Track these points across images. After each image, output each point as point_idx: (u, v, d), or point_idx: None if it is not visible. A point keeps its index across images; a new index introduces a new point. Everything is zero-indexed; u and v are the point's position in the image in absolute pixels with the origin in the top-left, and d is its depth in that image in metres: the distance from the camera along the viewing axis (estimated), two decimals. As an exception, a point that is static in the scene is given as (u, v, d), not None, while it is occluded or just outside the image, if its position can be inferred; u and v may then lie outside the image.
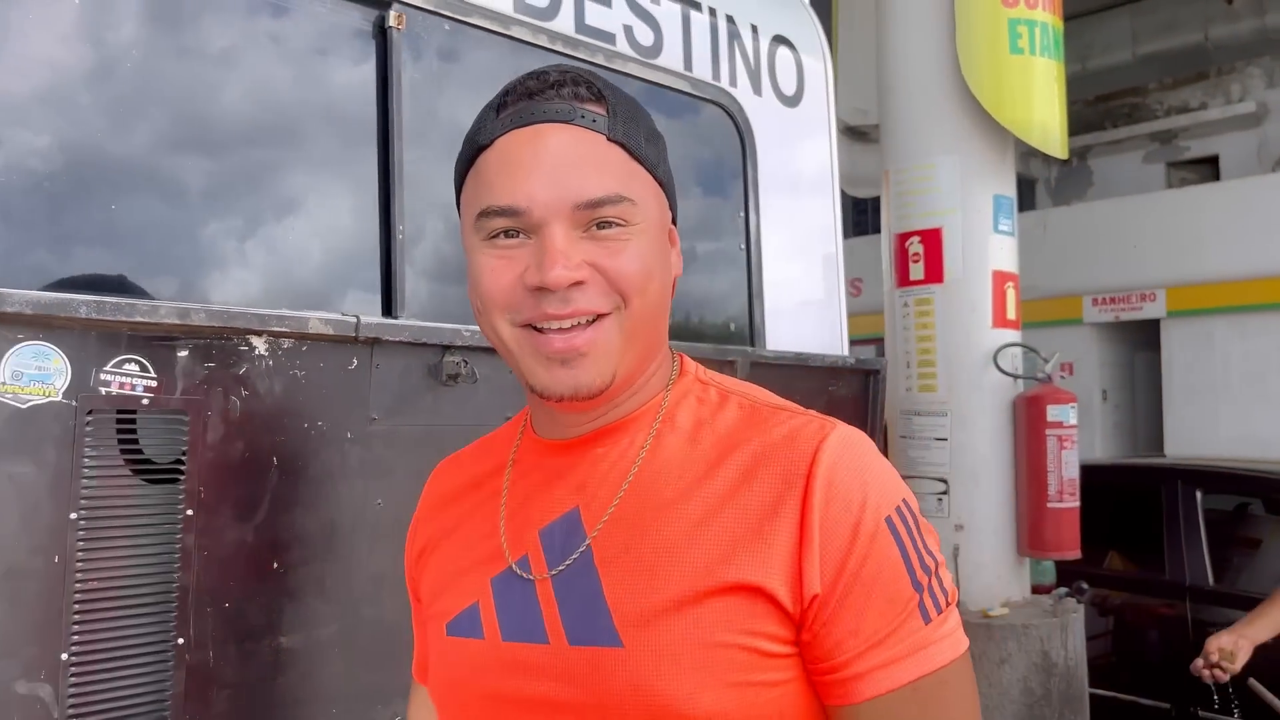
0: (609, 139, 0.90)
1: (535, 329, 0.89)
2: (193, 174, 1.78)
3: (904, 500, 0.89)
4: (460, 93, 2.14)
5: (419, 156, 2.03)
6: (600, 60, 2.37)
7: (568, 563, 0.92)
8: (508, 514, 1.00)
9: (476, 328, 1.97)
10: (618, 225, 0.88)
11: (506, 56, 2.21)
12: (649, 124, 0.96)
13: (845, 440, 0.89)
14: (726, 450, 0.91)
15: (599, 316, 0.88)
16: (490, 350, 2.04)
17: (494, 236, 0.90)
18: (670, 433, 0.95)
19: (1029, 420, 4.00)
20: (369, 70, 2.01)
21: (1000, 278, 4.15)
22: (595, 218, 0.88)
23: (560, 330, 0.87)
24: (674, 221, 1.00)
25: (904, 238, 4.28)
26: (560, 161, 0.88)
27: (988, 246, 4.12)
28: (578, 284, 0.86)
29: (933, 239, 4.14)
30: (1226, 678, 2.73)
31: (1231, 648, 2.71)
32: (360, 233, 1.97)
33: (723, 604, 0.85)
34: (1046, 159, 10.40)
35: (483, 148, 0.92)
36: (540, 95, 0.92)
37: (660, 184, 0.96)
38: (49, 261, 1.60)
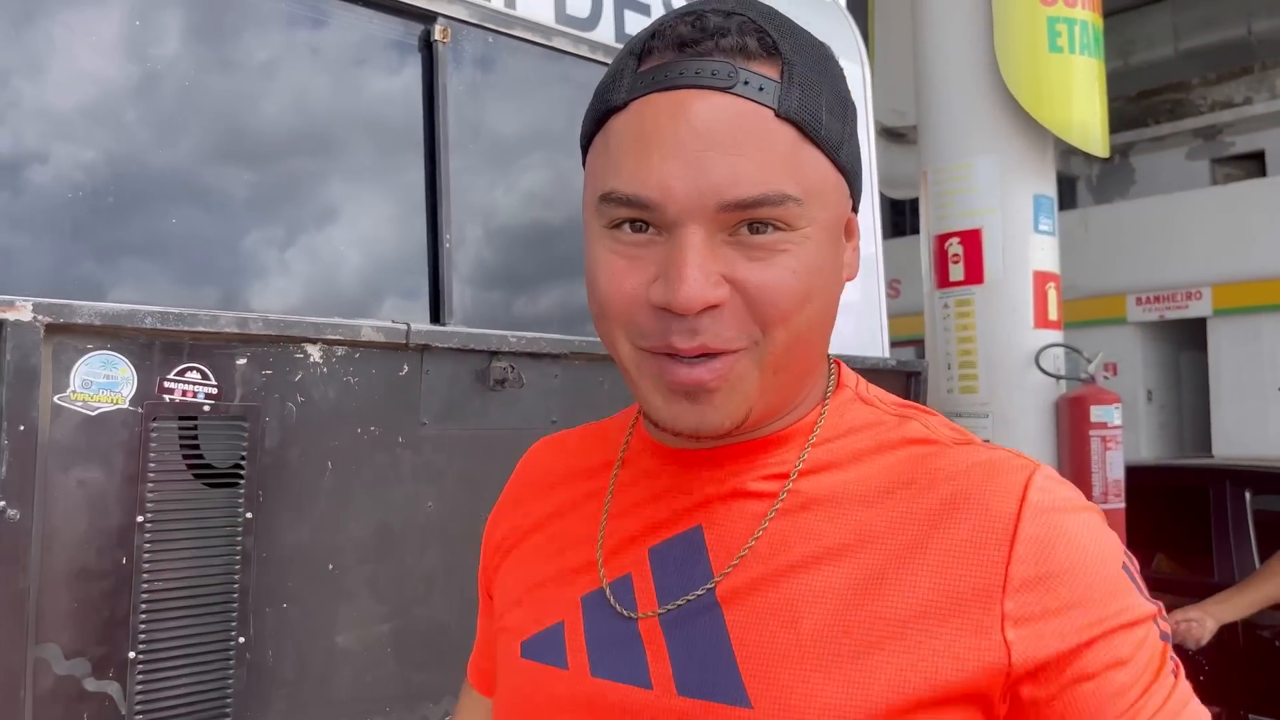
0: (778, 115, 0.67)
1: (656, 354, 0.71)
2: (248, 188, 1.83)
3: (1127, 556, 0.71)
4: (504, 102, 2.18)
5: (464, 166, 2.07)
6: (640, 68, 2.40)
7: (686, 599, 0.73)
8: (610, 522, 0.81)
9: (524, 333, 2.03)
10: (776, 229, 0.67)
11: (548, 66, 2.25)
12: (835, 87, 0.72)
13: (1057, 484, 0.71)
14: (901, 486, 0.72)
15: (730, 351, 0.69)
16: (535, 355, 2.09)
17: (618, 226, 0.70)
18: (825, 458, 0.76)
19: (1072, 421, 3.97)
20: (415, 82, 2.06)
21: (1041, 278, 4.12)
22: (746, 219, 0.67)
23: (686, 361, 0.69)
24: (855, 208, 0.77)
25: (943, 238, 4.26)
26: (709, 144, 0.66)
27: (1028, 246, 4.10)
28: (711, 308, 0.67)
29: (972, 239, 4.12)
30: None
31: (1196, 624, 2.78)
32: (408, 241, 2.02)
33: (893, 663, 0.67)
34: (1088, 157, 10.29)
35: (615, 109, 0.71)
36: (693, 47, 0.68)
37: (842, 170, 0.72)
38: (113, 274, 1.66)
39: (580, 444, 0.92)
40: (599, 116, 0.73)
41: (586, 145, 0.76)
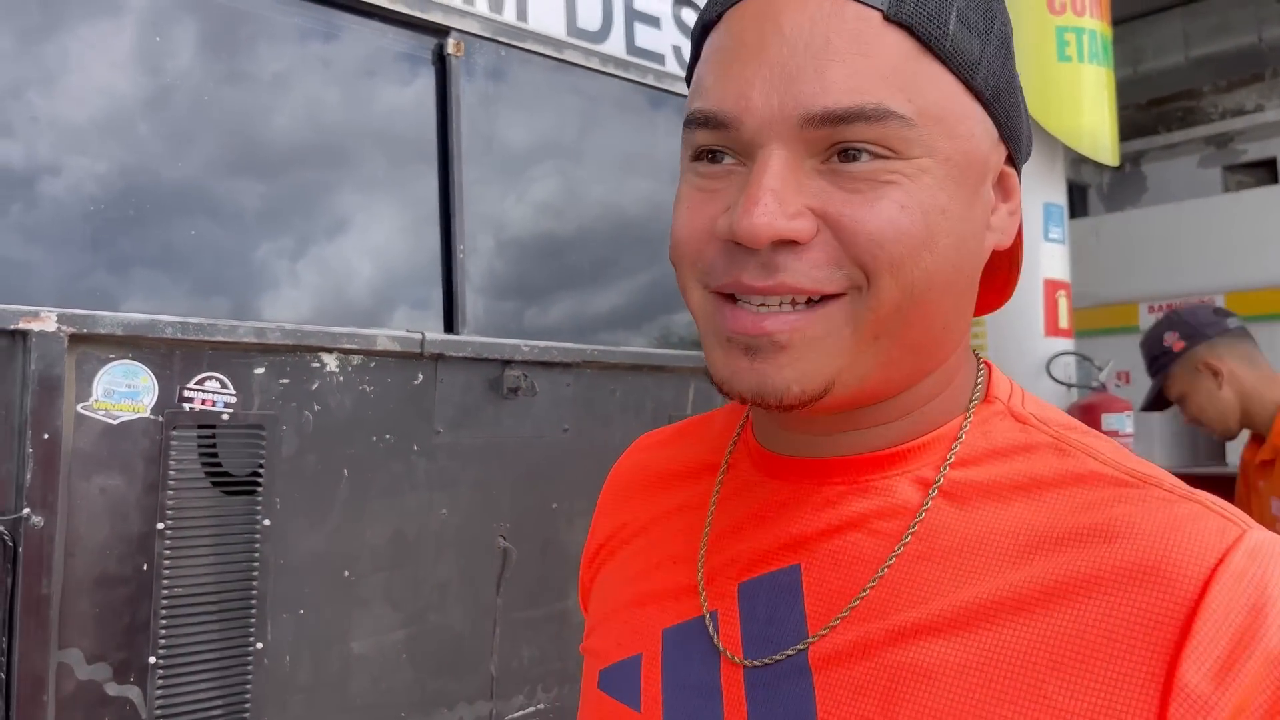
0: (888, 17, 0.55)
1: (729, 298, 0.58)
2: (265, 200, 1.86)
3: None
4: (516, 114, 2.21)
5: (477, 177, 2.10)
6: (651, 80, 2.42)
7: (775, 659, 0.60)
8: (710, 542, 0.68)
9: (536, 342, 2.05)
10: (877, 157, 0.54)
11: (560, 79, 2.28)
12: (970, 2, 0.58)
13: (1274, 547, 0.52)
14: (1057, 541, 0.55)
15: (825, 298, 0.56)
16: (547, 364, 2.12)
17: (699, 157, 0.59)
18: (969, 486, 0.60)
19: (1084, 429, 3.97)
20: (429, 95, 2.09)
21: (1051, 286, 4.13)
22: (840, 141, 0.54)
23: (757, 307, 0.56)
24: (1014, 160, 0.62)
25: (953, 247, 4.27)
26: (796, 48, 0.54)
27: (1038, 255, 4.10)
28: (789, 243, 0.54)
29: (983, 248, 4.13)
30: None
31: None
32: (422, 252, 2.04)
33: None
34: (1099, 165, 10.27)
35: (709, 26, 0.61)
36: None
37: (981, 98, 0.58)
38: (132, 285, 1.69)
39: (682, 441, 0.79)
40: (697, 40, 0.63)
41: (689, 80, 0.65)
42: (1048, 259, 4.09)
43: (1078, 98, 4.04)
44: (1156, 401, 2.69)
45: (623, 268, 2.40)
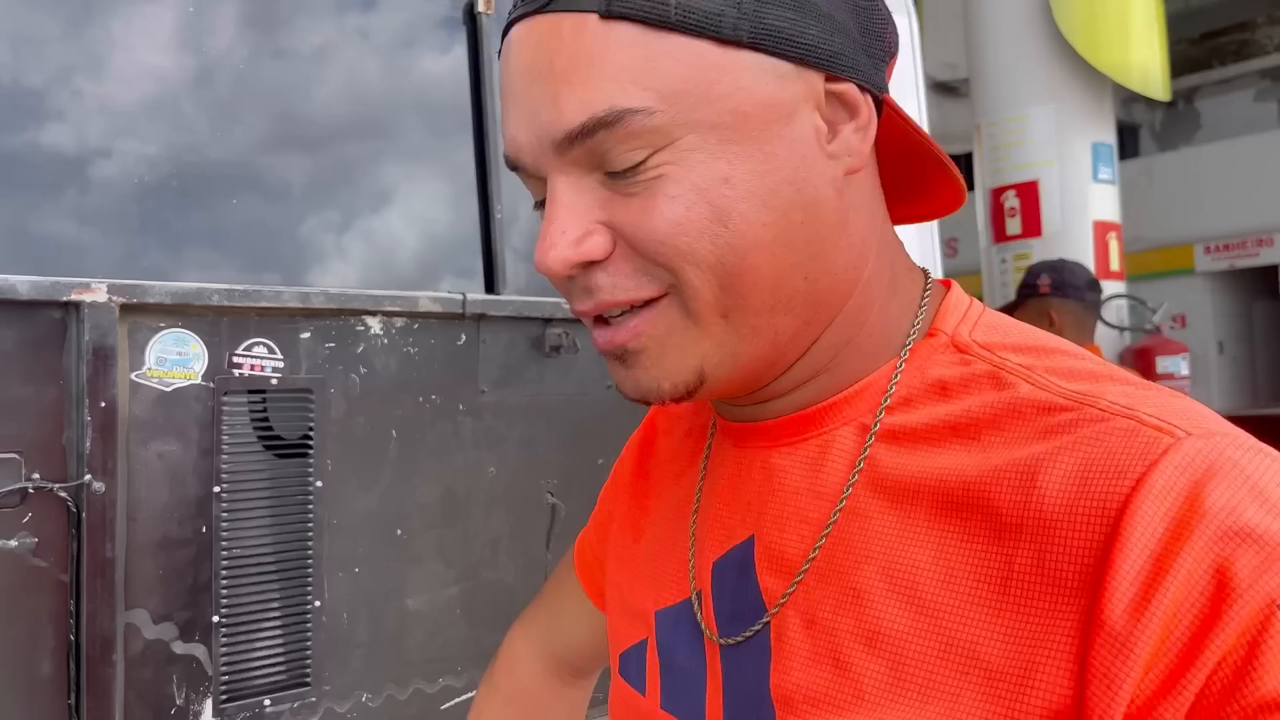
0: (603, 15, 0.52)
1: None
2: (303, 171, 1.88)
3: None
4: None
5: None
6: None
7: (743, 636, 0.60)
8: (699, 518, 0.68)
9: (575, 300, 2.05)
10: (637, 163, 0.53)
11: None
12: None
13: (1211, 455, 0.46)
14: (988, 483, 0.52)
15: (651, 301, 0.56)
16: (589, 322, 2.11)
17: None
18: (905, 432, 0.57)
19: (1138, 374, 3.89)
20: (461, 56, 2.08)
21: (1102, 228, 4.04)
22: (596, 153, 0.54)
23: (608, 321, 0.58)
24: (838, 71, 0.56)
25: (999, 192, 4.20)
26: (531, 79, 0.55)
27: (1087, 197, 4.02)
28: (593, 264, 0.55)
29: (1029, 192, 4.06)
30: None
31: None
32: (461, 215, 2.05)
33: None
34: (1150, 103, 9.98)
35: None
36: None
37: (742, 45, 0.53)
38: (179, 258, 1.72)
39: (694, 405, 0.77)
40: None
41: None
42: (1097, 200, 4.00)
43: (1126, 32, 3.93)
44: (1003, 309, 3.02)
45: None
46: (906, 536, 0.54)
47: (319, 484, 1.71)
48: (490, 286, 2.01)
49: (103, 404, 1.49)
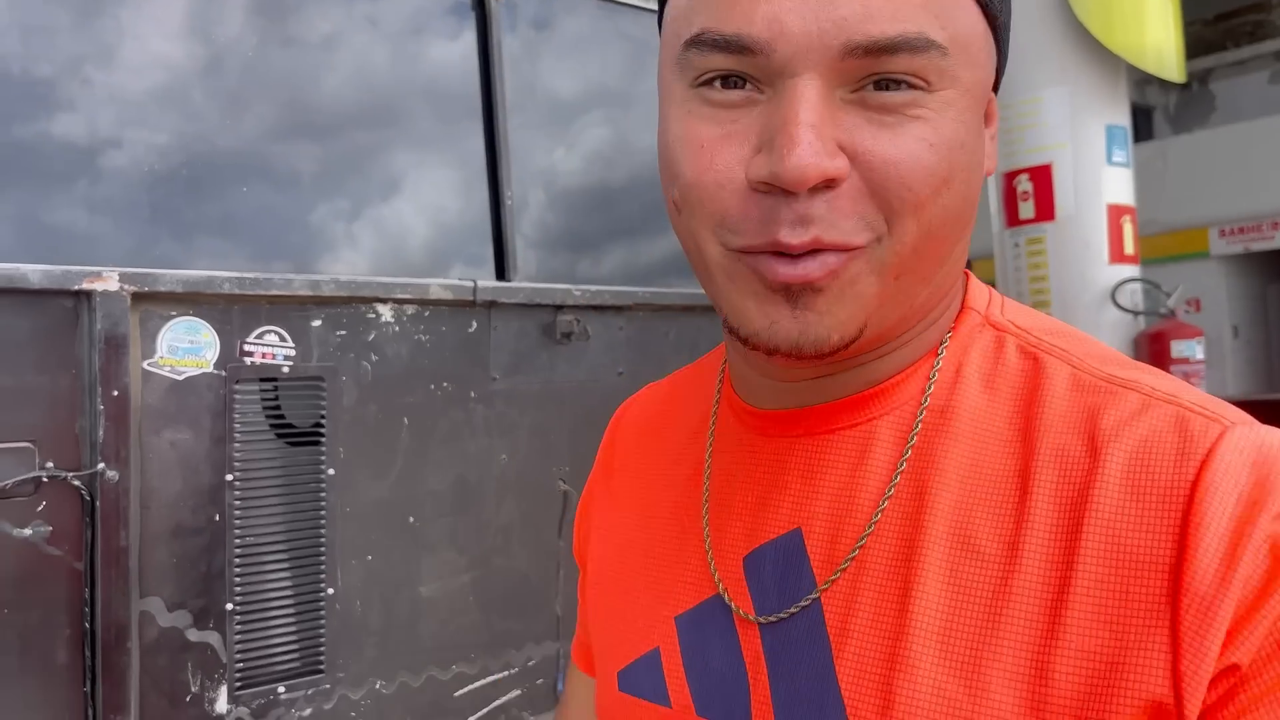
0: None
1: (752, 254, 0.54)
2: (314, 159, 1.87)
3: None
4: (559, 58, 2.18)
5: (521, 124, 2.09)
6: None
7: (789, 612, 0.58)
8: (712, 516, 0.65)
9: (588, 286, 2.05)
10: (912, 87, 0.51)
11: (603, 20, 2.25)
12: None
13: (1258, 442, 0.50)
14: (1048, 459, 0.54)
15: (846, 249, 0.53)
16: (599, 308, 2.11)
17: (707, 82, 0.54)
18: (952, 412, 0.58)
19: (1152, 358, 3.87)
20: (470, 43, 2.07)
21: (1116, 211, 4.01)
22: (876, 71, 0.51)
23: (791, 257, 0.53)
24: (996, 86, 0.60)
25: (1011, 176, 4.16)
26: None
27: (1101, 180, 3.98)
28: (828, 186, 0.51)
29: (1042, 175, 4.02)
30: None
31: None
32: (472, 202, 2.04)
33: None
34: (1164, 85, 9.88)
35: None
36: None
37: (992, 22, 0.56)
38: (191, 247, 1.72)
39: (669, 402, 0.76)
40: None
41: None
42: (1111, 183, 3.96)
43: (1140, 12, 3.88)
44: None
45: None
46: (960, 517, 0.54)
47: (331, 472, 1.71)
48: (501, 273, 2.01)
49: (115, 393, 1.49)
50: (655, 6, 2.30)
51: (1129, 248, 3.99)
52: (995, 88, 0.60)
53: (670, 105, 0.56)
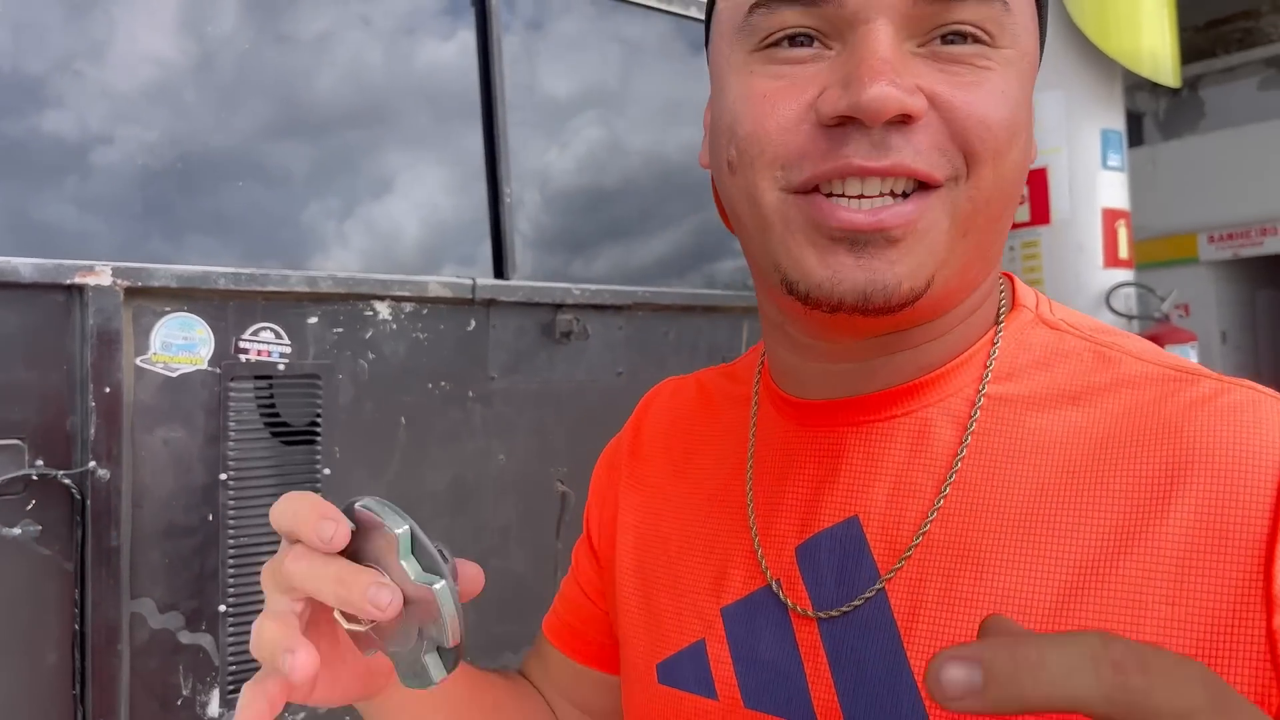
0: None
1: (812, 195, 0.53)
2: (312, 158, 1.85)
3: None
4: (558, 58, 2.16)
5: (521, 120, 2.06)
6: (694, 12, 2.36)
7: (852, 605, 0.57)
8: (758, 508, 0.64)
9: (588, 285, 2.02)
10: (978, 41, 0.52)
11: (601, 18, 2.22)
12: None
13: None
14: (1119, 443, 0.53)
15: (923, 188, 0.52)
16: (599, 307, 2.09)
17: (773, 44, 0.53)
18: (1012, 400, 0.57)
19: (1146, 361, 3.87)
20: (469, 41, 2.05)
21: (1110, 215, 4.01)
22: (946, 23, 0.51)
23: (858, 200, 0.52)
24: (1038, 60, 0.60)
25: (1007, 179, 4.16)
26: None
27: (1096, 184, 3.98)
28: (906, 119, 0.50)
29: (1038, 179, 4.02)
30: None
31: None
32: (470, 200, 2.02)
33: None
34: (1154, 91, 9.92)
35: None
36: None
37: (1039, 6, 0.57)
38: (186, 244, 1.69)
39: (701, 397, 0.75)
40: None
41: None
42: (1106, 187, 3.96)
43: (1136, 16, 3.89)
44: None
45: (669, 211, 2.36)
46: (1032, 499, 0.53)
47: (326, 471, 1.68)
48: (500, 271, 1.98)
49: (107, 389, 1.46)
50: (651, 2, 2.28)
51: (1123, 252, 3.99)
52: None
53: (729, 74, 0.55)
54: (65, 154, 1.57)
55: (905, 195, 0.52)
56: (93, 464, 1.45)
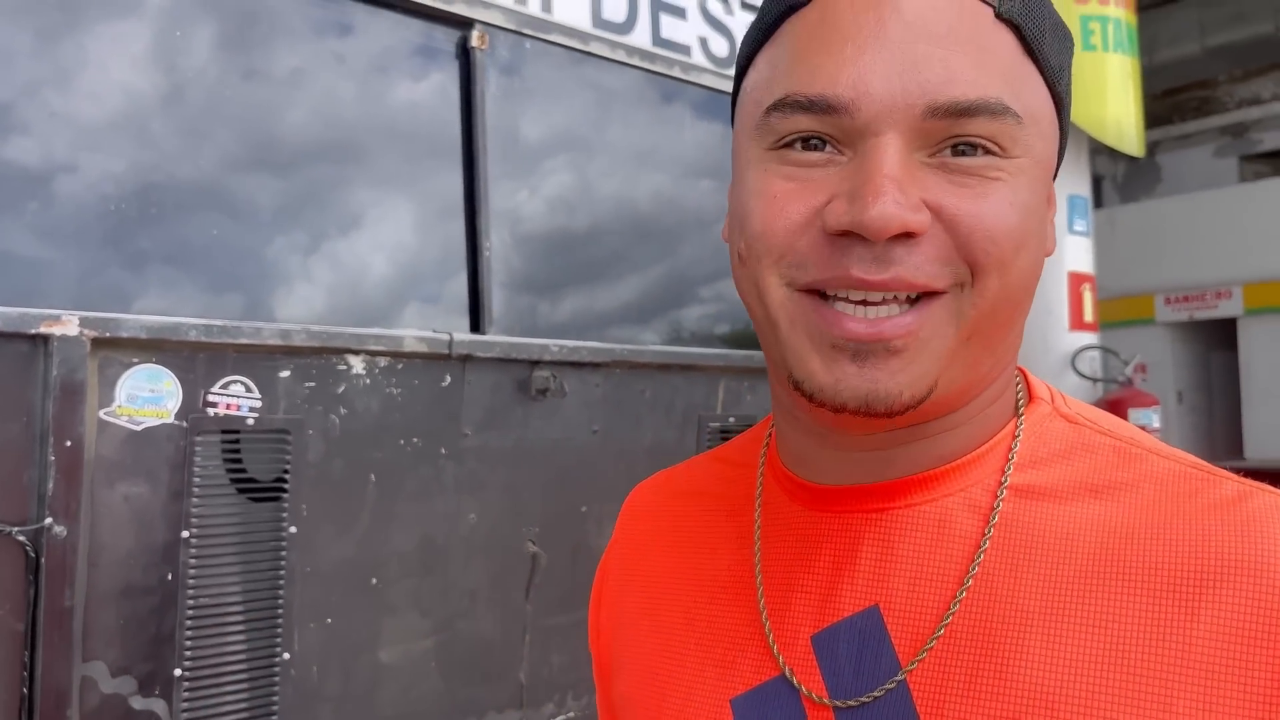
0: (998, 14, 0.54)
1: (821, 296, 0.54)
2: (286, 197, 1.81)
3: None
4: (542, 108, 2.16)
5: (503, 172, 2.05)
6: (677, 72, 2.37)
7: (872, 696, 0.56)
8: (768, 596, 0.63)
9: (565, 342, 2.00)
10: (989, 153, 0.53)
11: (586, 71, 2.23)
12: (1054, 11, 0.59)
13: None
14: (1151, 536, 0.54)
15: (926, 296, 0.53)
16: (576, 364, 2.06)
17: (787, 145, 0.55)
18: (1036, 490, 0.57)
19: (1110, 424, 3.92)
20: (453, 89, 2.03)
21: (1076, 279, 4.08)
22: (956, 135, 0.52)
23: (862, 307, 0.53)
24: (1055, 172, 0.61)
25: (976, 241, 4.23)
26: (919, 35, 0.52)
27: (1064, 248, 4.06)
28: (904, 236, 0.51)
29: (1006, 241, 4.09)
30: None
31: None
32: (447, 250, 1.99)
33: None
34: (1113, 156, 10.18)
35: (794, 7, 0.56)
36: None
37: (1058, 103, 0.58)
38: (150, 285, 1.64)
39: (693, 485, 0.74)
40: (774, 19, 0.58)
41: (745, 64, 0.62)
42: (1073, 252, 4.04)
43: (1102, 87, 3.99)
44: None
45: (650, 262, 2.35)
46: (1057, 592, 0.54)
47: (293, 529, 1.63)
48: (476, 325, 1.95)
49: (68, 443, 1.41)
50: (629, 60, 2.29)
51: (1089, 315, 4.06)
52: (1054, 173, 0.61)
53: (746, 169, 0.57)
54: (27, 187, 1.52)
55: (912, 301, 0.53)
56: (49, 520, 1.39)
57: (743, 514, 0.67)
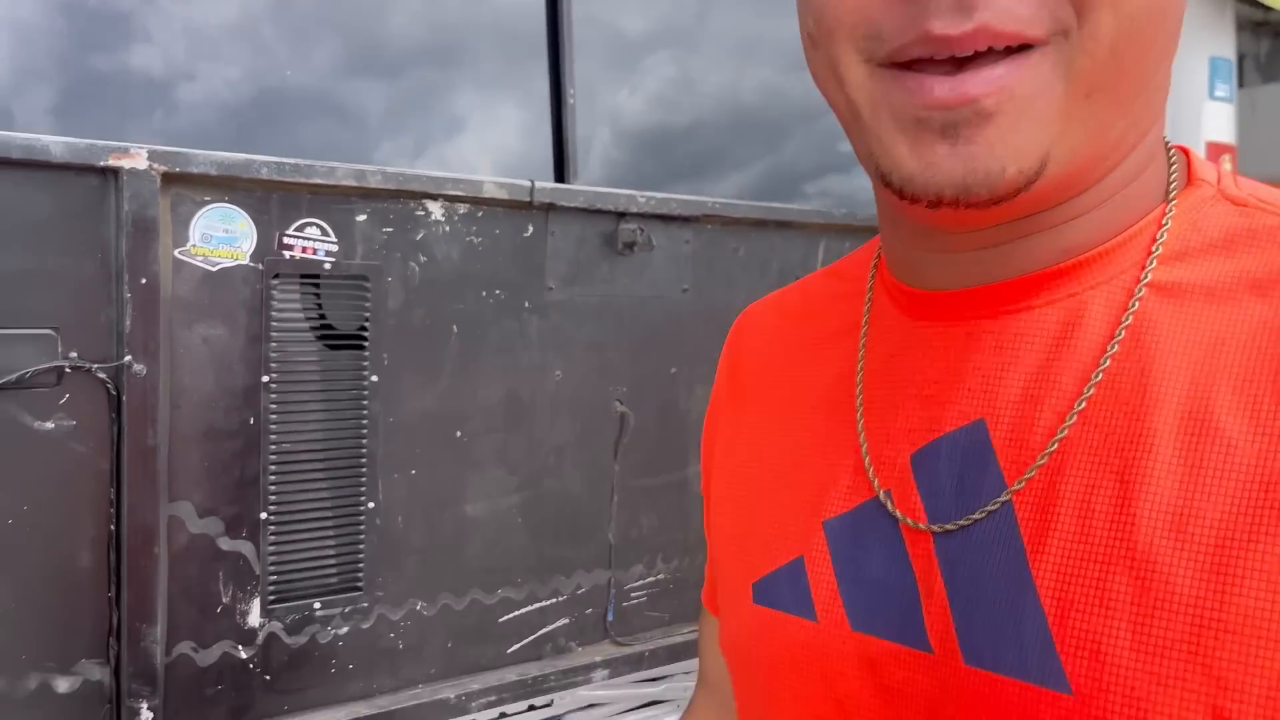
0: None
1: (905, 68, 0.46)
2: (371, 50, 1.73)
3: None
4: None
5: (588, 15, 1.92)
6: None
7: (972, 518, 0.49)
8: (867, 412, 0.57)
9: (653, 194, 1.89)
10: None
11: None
12: None
13: None
14: None
15: (1024, 47, 0.44)
16: (665, 218, 1.95)
17: None
18: (1181, 287, 0.48)
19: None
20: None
21: (1215, 149, 3.74)
22: None
23: (947, 70, 0.44)
24: None
25: (1103, 109, 3.91)
26: None
27: (1202, 114, 3.71)
28: None
29: (1137, 108, 3.76)
30: None
31: None
32: (531, 98, 1.89)
33: None
34: (1254, 32, 9.36)
35: None
36: None
37: None
38: (230, 129, 1.59)
39: (805, 303, 0.67)
40: None
41: None
42: (1212, 119, 3.69)
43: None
44: None
45: (745, 117, 2.21)
46: (1197, 402, 0.45)
47: (374, 378, 1.59)
48: (560, 175, 1.86)
49: (144, 281, 1.38)
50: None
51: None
52: None
53: None
54: (113, 31, 1.47)
55: (1009, 53, 0.43)
56: (129, 358, 1.38)
57: (849, 329, 0.61)
